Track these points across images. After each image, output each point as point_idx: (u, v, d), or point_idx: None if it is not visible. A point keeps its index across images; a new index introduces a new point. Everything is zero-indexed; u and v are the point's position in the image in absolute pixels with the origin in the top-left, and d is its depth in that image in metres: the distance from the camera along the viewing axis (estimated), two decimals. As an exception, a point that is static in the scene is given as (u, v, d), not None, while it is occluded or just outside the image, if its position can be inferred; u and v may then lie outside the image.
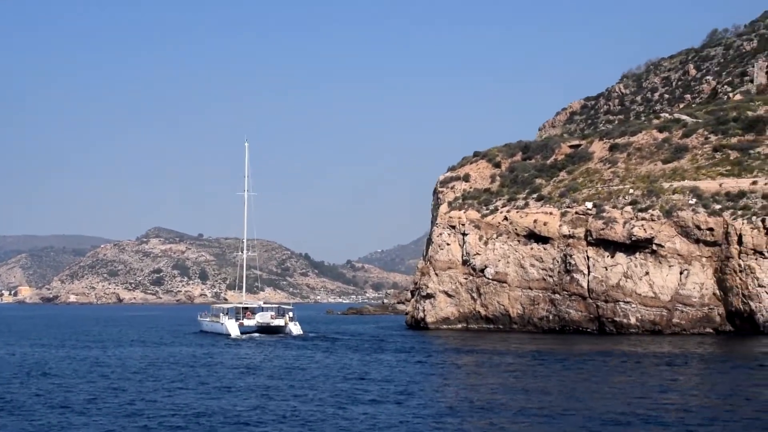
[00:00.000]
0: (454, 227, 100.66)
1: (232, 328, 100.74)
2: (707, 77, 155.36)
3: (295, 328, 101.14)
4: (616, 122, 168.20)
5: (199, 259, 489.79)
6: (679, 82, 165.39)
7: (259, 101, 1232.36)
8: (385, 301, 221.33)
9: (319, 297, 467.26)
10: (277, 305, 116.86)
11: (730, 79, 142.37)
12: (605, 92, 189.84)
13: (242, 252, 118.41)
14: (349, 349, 74.86)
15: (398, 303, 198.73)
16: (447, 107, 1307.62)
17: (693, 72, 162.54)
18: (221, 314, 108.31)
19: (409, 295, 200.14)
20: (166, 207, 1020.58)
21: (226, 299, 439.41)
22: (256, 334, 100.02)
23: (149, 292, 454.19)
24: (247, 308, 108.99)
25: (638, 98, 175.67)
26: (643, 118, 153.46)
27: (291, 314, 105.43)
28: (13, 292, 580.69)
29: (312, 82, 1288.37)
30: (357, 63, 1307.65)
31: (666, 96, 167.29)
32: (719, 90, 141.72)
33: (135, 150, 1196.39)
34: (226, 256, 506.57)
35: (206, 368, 56.70)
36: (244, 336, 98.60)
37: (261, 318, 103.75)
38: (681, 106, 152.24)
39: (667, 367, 52.54)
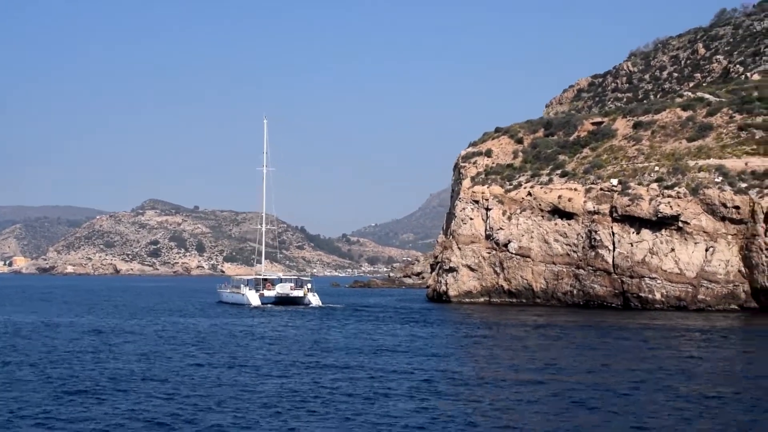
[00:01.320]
0: (477, 202, 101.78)
1: (253, 298, 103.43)
2: (717, 56, 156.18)
3: (314, 300, 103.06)
4: (624, 100, 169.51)
5: (195, 231, 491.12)
6: (688, 61, 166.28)
7: (267, 79, 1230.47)
8: (392, 274, 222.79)
9: (315, 270, 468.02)
10: (296, 277, 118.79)
11: (742, 58, 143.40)
12: (613, 70, 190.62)
13: (261, 226, 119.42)
14: (387, 320, 75.98)
15: (404, 277, 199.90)
16: (453, 85, 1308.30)
17: (702, 51, 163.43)
18: (242, 285, 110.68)
19: (415, 268, 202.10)
20: (160, 179, 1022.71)
21: (223, 271, 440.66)
22: (275, 305, 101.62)
23: (146, 263, 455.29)
24: (266, 280, 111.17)
25: (647, 76, 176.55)
26: (652, 97, 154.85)
27: (310, 286, 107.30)
28: (7, 262, 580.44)
29: (314, 56, 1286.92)
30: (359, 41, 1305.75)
31: (675, 74, 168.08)
32: (731, 69, 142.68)
33: (128, 122, 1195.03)
34: (222, 229, 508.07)
35: (288, 340, 57.82)
36: (265, 306, 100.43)
37: (281, 289, 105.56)
38: (690, 84, 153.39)
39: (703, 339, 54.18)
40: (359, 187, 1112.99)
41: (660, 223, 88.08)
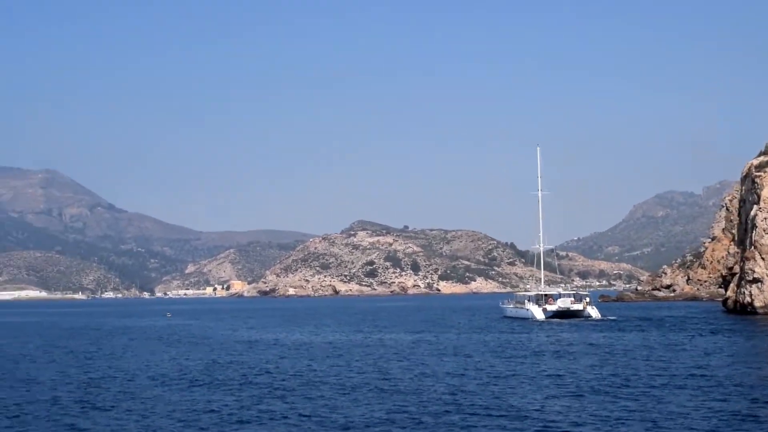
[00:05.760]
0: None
1: (537, 312, 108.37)
2: None
3: (594, 312, 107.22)
4: None
5: (407, 251, 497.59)
6: None
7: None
8: (639, 288, 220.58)
9: (528, 286, 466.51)
10: (574, 292, 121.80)
11: None
12: None
13: (540, 246, 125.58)
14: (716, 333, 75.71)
15: (653, 290, 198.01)
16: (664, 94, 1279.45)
17: None
18: (526, 301, 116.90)
19: (663, 281, 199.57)
20: (364, 200, 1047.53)
21: (438, 290, 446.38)
22: (557, 319, 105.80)
23: (364, 283, 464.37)
24: (548, 295, 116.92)
25: None
26: None
27: (588, 299, 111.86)
28: (225, 286, 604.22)
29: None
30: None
31: None
32: None
33: (325, 147, 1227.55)
34: (433, 247, 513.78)
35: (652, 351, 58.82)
36: (548, 319, 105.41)
37: (562, 303, 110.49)
38: None
39: None
40: (559, 200, 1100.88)
41: None
